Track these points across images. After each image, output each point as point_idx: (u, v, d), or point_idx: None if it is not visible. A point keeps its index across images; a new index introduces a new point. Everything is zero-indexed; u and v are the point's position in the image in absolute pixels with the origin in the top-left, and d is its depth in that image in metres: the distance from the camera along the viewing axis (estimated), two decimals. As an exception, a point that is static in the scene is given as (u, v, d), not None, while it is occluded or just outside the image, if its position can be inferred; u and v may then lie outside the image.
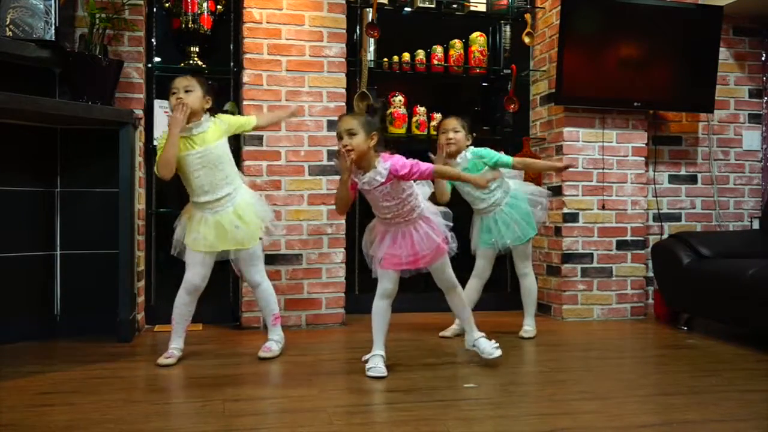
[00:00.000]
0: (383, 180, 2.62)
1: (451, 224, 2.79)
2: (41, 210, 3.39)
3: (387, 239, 2.72)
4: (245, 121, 3.05)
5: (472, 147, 3.39)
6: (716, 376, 2.79)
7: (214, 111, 2.98)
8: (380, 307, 2.78)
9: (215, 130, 2.89)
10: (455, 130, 3.34)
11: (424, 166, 2.65)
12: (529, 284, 3.58)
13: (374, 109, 2.74)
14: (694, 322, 3.84)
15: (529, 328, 3.55)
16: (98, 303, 3.38)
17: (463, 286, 3.54)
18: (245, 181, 3.11)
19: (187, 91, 2.82)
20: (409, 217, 2.70)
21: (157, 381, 2.67)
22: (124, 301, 3.27)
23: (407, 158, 2.67)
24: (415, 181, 2.73)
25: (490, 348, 2.83)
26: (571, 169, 4.02)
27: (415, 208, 2.71)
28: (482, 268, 3.54)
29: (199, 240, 2.87)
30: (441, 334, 3.50)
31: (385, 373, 2.66)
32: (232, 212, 2.89)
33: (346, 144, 2.59)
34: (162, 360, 2.86)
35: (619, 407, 2.35)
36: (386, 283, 2.77)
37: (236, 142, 3.65)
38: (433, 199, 2.94)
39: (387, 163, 2.63)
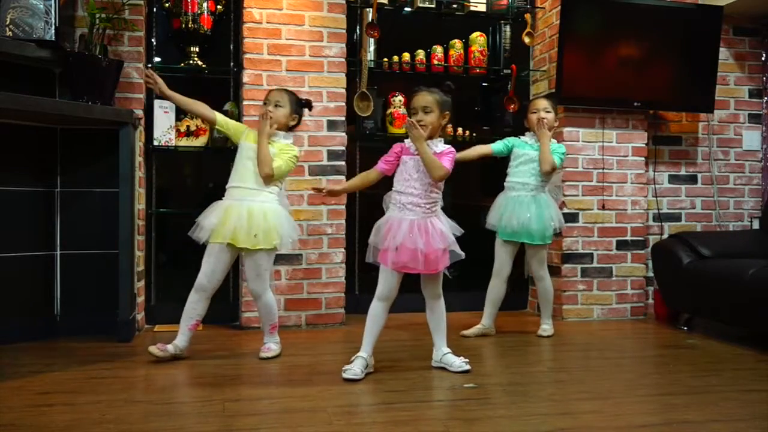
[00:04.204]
0: (437, 153, 2.71)
1: (460, 233, 2.79)
2: (41, 210, 3.39)
3: (403, 229, 2.67)
4: (278, 162, 2.98)
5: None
6: (716, 376, 2.80)
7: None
8: (376, 309, 2.76)
9: (278, 145, 2.99)
10: (547, 110, 3.54)
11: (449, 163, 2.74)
12: (546, 287, 3.65)
13: (449, 89, 2.83)
14: (694, 322, 3.84)
15: (546, 326, 3.62)
16: (98, 303, 3.38)
17: (485, 285, 3.62)
18: (288, 208, 3.12)
19: (277, 106, 2.99)
20: (427, 208, 2.71)
21: (157, 381, 2.67)
22: (124, 301, 3.27)
23: None
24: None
25: (459, 362, 2.79)
26: (569, 169, 4.05)
27: (436, 203, 2.75)
28: (501, 264, 3.58)
29: (205, 226, 2.91)
30: (463, 333, 3.53)
31: (359, 376, 2.64)
32: (246, 208, 2.90)
33: (420, 119, 2.70)
34: (152, 348, 2.90)
35: (619, 407, 2.35)
36: (387, 285, 2.74)
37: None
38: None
39: (444, 146, 2.77)
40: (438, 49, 4.22)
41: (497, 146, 3.61)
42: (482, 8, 4.29)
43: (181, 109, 3.25)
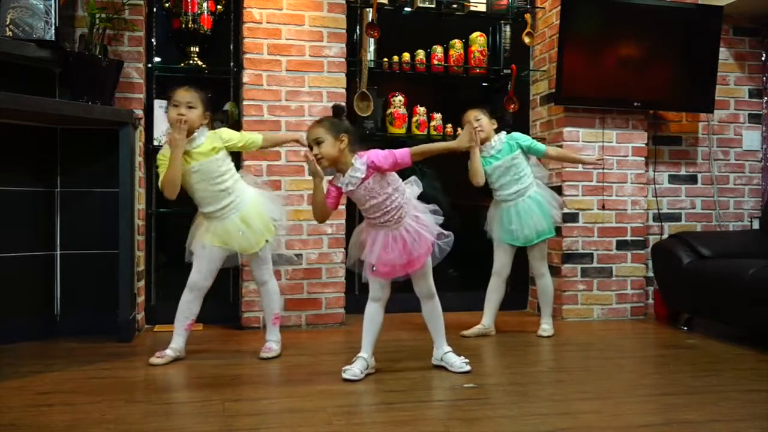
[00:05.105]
0: (363, 176, 2.59)
1: (442, 219, 2.73)
2: (41, 210, 3.39)
3: (378, 243, 2.65)
4: (250, 142, 2.99)
5: (504, 132, 3.53)
6: (716, 376, 2.80)
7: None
8: (370, 310, 2.77)
9: (209, 144, 2.87)
10: (476, 118, 3.45)
11: (400, 151, 2.60)
12: (546, 285, 3.63)
13: (340, 110, 2.69)
14: (694, 322, 3.84)
15: (546, 326, 3.60)
16: (98, 303, 3.38)
17: (485, 285, 3.61)
18: (257, 182, 3.13)
19: (189, 107, 2.81)
20: (397, 215, 2.64)
21: (157, 381, 2.67)
22: (124, 301, 3.27)
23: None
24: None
25: (459, 362, 2.78)
26: (569, 169, 4.06)
27: (402, 205, 2.65)
28: (501, 264, 3.56)
29: (206, 237, 2.91)
30: (463, 333, 3.53)
31: (358, 377, 2.64)
32: (238, 218, 2.91)
33: (316, 153, 2.59)
34: (153, 359, 2.87)
35: (619, 407, 2.35)
36: (377, 288, 2.75)
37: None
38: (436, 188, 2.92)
39: (363, 158, 2.61)
40: (438, 49, 4.21)
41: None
42: (482, 8, 4.29)
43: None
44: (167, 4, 3.84)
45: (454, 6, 4.25)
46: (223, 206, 2.90)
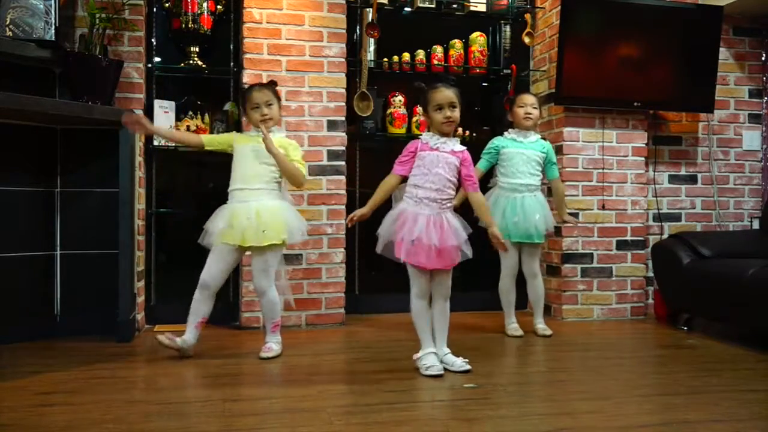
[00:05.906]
0: (455, 149, 2.76)
1: (470, 232, 2.80)
2: (41, 210, 3.39)
3: (420, 222, 2.69)
4: (297, 167, 3.02)
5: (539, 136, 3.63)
6: (716, 376, 2.80)
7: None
8: (417, 307, 2.80)
9: (279, 141, 3.02)
10: (534, 106, 3.54)
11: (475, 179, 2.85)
12: (540, 285, 3.65)
13: (450, 80, 2.85)
14: (694, 322, 3.84)
15: (544, 326, 3.62)
16: (98, 303, 3.38)
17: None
18: (291, 202, 3.18)
19: (268, 105, 3.00)
20: (442, 203, 2.73)
21: (157, 381, 2.67)
22: (124, 301, 3.27)
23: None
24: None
25: (459, 362, 2.80)
26: (569, 169, 4.06)
27: (450, 200, 2.77)
28: (514, 263, 3.58)
29: (214, 231, 2.94)
30: (514, 333, 3.57)
31: (442, 372, 2.68)
32: (254, 208, 2.94)
33: (449, 116, 2.73)
34: (162, 336, 2.92)
35: (619, 407, 2.35)
36: (420, 284, 2.78)
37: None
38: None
39: (460, 145, 2.80)
40: (438, 49, 4.22)
41: (483, 164, 3.56)
42: (482, 8, 4.30)
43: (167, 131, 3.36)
44: (167, 4, 3.84)
45: (454, 6, 4.26)
46: (251, 188, 2.96)
